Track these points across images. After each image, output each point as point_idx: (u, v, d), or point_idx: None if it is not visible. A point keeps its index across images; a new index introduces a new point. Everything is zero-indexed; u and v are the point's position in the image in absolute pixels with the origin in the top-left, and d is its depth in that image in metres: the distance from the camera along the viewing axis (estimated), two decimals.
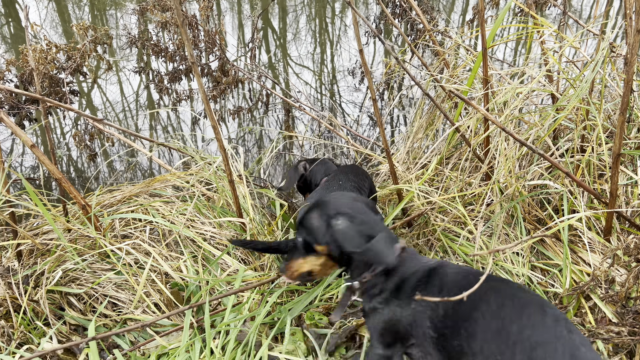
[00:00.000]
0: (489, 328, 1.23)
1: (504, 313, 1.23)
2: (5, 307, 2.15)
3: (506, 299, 1.27)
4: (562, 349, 1.14)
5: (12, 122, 2.00)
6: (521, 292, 1.32)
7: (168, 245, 2.32)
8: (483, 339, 1.22)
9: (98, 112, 4.98)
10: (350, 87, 5.69)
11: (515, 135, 1.90)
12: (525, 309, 1.23)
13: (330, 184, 2.30)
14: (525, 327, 1.18)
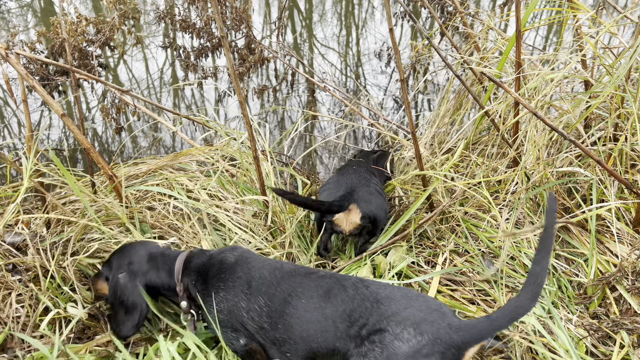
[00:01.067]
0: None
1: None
2: (34, 271, 2.21)
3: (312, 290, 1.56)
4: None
5: (44, 91, 2.03)
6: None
7: (191, 219, 2.35)
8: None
9: (118, 86, 5.03)
10: (375, 70, 5.63)
11: (546, 120, 1.86)
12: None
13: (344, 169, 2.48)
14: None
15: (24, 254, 2.29)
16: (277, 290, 1.58)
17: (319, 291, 1.54)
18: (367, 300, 1.46)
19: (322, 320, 1.48)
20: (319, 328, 1.48)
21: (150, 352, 1.77)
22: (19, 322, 1.92)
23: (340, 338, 1.45)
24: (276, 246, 2.33)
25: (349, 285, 1.54)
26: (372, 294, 1.48)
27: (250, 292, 1.60)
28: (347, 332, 1.44)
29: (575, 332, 1.76)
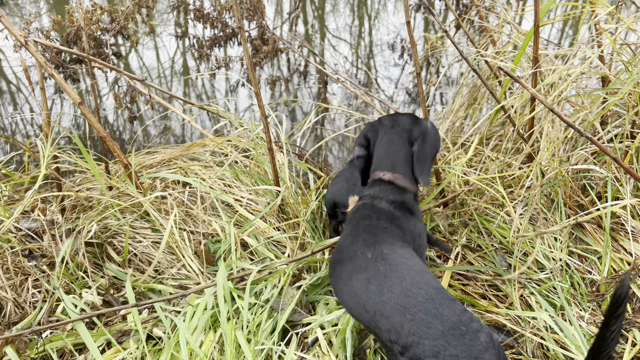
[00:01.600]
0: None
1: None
2: (50, 257, 2.24)
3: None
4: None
5: (62, 80, 2.04)
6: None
7: (205, 208, 2.37)
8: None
9: (133, 75, 5.05)
10: (387, 62, 5.60)
11: (563, 116, 1.85)
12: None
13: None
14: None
15: (40, 240, 2.33)
16: None
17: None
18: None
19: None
20: None
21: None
22: (35, 307, 1.95)
23: None
24: (291, 237, 2.34)
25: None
26: None
27: None
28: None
29: (587, 329, 1.76)
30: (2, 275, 1.95)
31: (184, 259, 2.21)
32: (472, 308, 1.98)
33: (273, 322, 1.87)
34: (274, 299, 1.92)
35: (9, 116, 4.23)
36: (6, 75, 4.98)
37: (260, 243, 2.18)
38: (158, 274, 2.23)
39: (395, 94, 4.89)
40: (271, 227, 2.25)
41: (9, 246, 2.11)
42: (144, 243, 2.28)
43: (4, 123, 4.24)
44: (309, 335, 1.89)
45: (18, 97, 4.62)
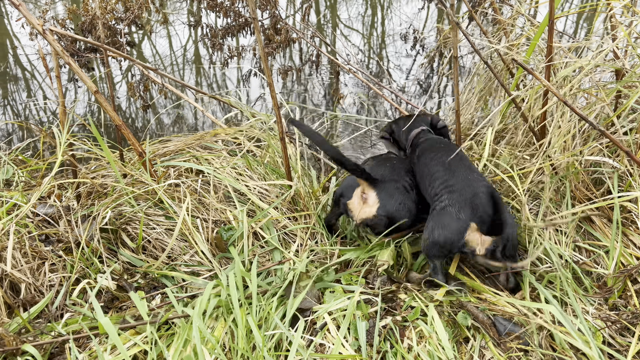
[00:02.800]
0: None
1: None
2: (66, 242, 2.30)
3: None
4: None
5: (79, 68, 2.08)
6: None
7: (218, 196, 2.41)
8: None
9: (147, 64, 5.10)
10: (398, 52, 5.58)
11: (576, 109, 1.85)
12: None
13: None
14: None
15: (57, 225, 2.38)
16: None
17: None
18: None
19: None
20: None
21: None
22: (53, 291, 2.01)
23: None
24: (302, 228, 2.37)
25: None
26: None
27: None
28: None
29: (593, 323, 1.78)
30: (20, 259, 2.00)
31: (196, 246, 2.25)
32: (479, 299, 2.01)
33: (283, 309, 1.91)
34: (285, 285, 1.96)
35: (23, 102, 4.30)
36: (22, 63, 5.05)
37: (273, 234, 2.21)
38: (171, 260, 2.27)
39: (407, 85, 4.88)
40: (284, 217, 2.28)
41: (26, 231, 2.16)
42: (157, 230, 2.32)
43: (18, 109, 4.31)
44: (318, 322, 1.93)
45: (32, 84, 4.69)
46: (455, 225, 1.94)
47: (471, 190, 1.99)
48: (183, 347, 1.66)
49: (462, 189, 2.00)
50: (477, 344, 1.84)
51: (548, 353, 1.74)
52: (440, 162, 2.17)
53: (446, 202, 2.00)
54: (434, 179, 2.13)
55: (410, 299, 2.03)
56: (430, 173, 2.16)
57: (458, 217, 1.94)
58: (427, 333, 1.85)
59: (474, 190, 1.97)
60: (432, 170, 2.16)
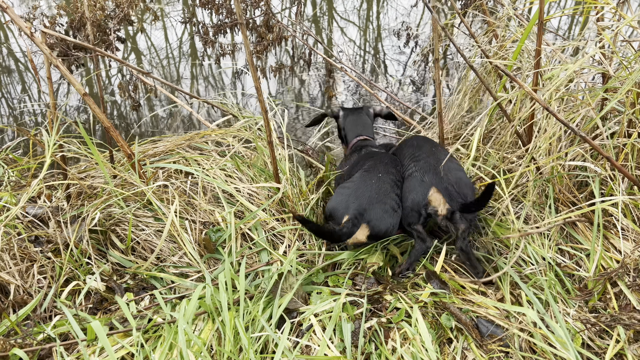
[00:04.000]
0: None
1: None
2: (55, 244, 2.31)
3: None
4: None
5: (67, 71, 2.09)
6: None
7: (207, 197, 2.42)
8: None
9: (142, 57, 5.09)
10: (394, 45, 5.59)
11: (558, 115, 1.87)
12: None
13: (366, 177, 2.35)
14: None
15: (46, 226, 2.39)
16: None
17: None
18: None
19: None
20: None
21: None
22: (41, 292, 2.03)
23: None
24: (290, 229, 2.39)
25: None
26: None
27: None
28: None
29: (573, 325, 1.81)
30: (9, 261, 2.02)
31: (185, 247, 2.27)
32: (464, 300, 2.04)
33: (270, 311, 1.94)
34: (272, 284, 1.98)
35: (16, 97, 4.29)
36: (15, 55, 5.03)
37: (261, 236, 2.23)
38: (160, 261, 2.29)
39: (401, 81, 4.89)
40: (272, 219, 2.30)
41: (16, 232, 2.17)
42: (146, 231, 2.34)
43: (13, 103, 4.30)
44: (304, 323, 1.95)
45: (26, 77, 4.68)
46: (419, 187, 2.22)
47: (435, 158, 2.31)
48: (169, 350, 1.68)
49: (426, 158, 2.32)
50: (460, 345, 1.87)
51: (528, 355, 1.77)
52: (410, 145, 2.54)
53: (412, 169, 2.31)
54: (404, 157, 2.47)
55: (396, 300, 2.05)
56: (403, 156, 2.49)
57: (422, 180, 2.23)
58: (411, 335, 1.88)
59: (437, 157, 2.30)
60: (405, 153, 2.50)
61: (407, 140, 2.67)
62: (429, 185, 2.20)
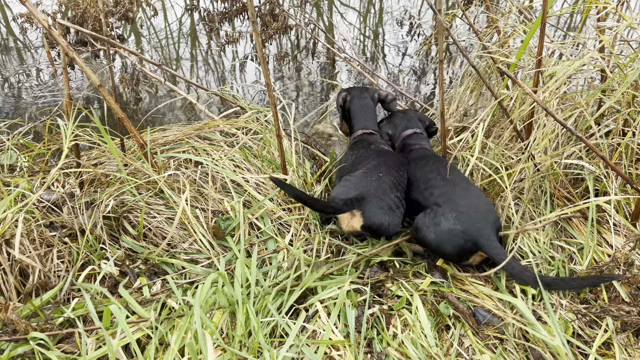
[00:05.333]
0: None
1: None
2: (69, 228, 2.40)
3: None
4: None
5: (83, 63, 2.15)
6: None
7: (216, 187, 2.51)
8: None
9: (142, 38, 5.12)
10: (396, 31, 5.64)
11: (555, 115, 1.96)
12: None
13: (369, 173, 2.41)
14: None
15: (60, 212, 2.48)
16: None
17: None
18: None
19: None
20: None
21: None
22: (59, 277, 2.12)
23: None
24: (297, 219, 2.49)
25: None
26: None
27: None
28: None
29: (565, 315, 1.92)
30: (29, 246, 2.11)
31: (195, 235, 2.36)
32: (462, 290, 2.15)
33: (280, 298, 2.04)
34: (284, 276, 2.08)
35: (17, 72, 4.34)
36: (14, 32, 5.06)
37: (268, 225, 2.33)
38: (171, 247, 2.39)
39: (402, 70, 4.95)
40: (279, 208, 2.39)
41: (32, 218, 2.26)
42: (158, 218, 2.43)
43: (10, 81, 4.34)
44: (310, 309, 2.06)
45: (25, 55, 4.71)
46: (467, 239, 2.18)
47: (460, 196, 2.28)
48: (185, 333, 1.78)
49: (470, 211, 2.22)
50: (457, 332, 1.98)
51: (521, 342, 1.88)
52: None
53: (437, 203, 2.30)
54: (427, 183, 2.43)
55: (397, 288, 2.16)
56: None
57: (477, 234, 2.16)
58: (411, 321, 1.99)
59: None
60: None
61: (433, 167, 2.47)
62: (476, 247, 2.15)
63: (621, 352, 1.77)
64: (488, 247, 2.06)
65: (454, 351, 1.91)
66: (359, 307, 2.06)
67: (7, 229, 2.04)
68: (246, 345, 1.83)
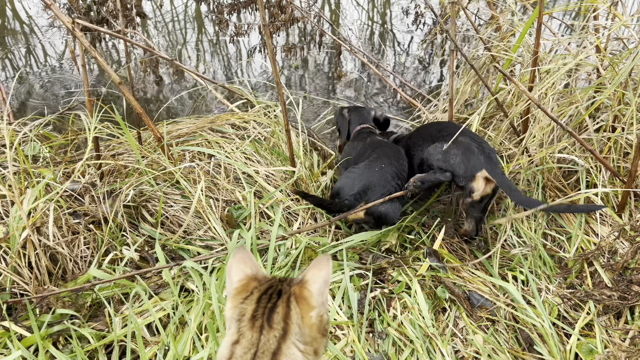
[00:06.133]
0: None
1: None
2: (91, 217, 2.57)
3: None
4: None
5: (103, 62, 2.30)
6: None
7: (228, 178, 2.67)
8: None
9: (148, 21, 5.24)
10: (403, 21, 5.71)
11: (549, 112, 2.09)
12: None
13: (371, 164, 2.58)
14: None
15: (82, 200, 2.65)
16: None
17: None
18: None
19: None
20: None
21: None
22: (86, 261, 2.30)
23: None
24: (304, 208, 2.65)
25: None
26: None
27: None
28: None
29: (552, 299, 2.08)
30: (56, 233, 2.28)
31: (210, 222, 2.53)
32: (458, 276, 2.31)
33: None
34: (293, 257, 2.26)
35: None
36: (20, 17, 5.20)
37: (277, 213, 2.49)
38: (187, 234, 2.56)
39: (407, 61, 5.04)
40: (287, 199, 2.56)
41: (59, 207, 2.43)
42: (174, 207, 2.60)
43: (18, 65, 4.49)
44: None
45: (32, 39, 4.84)
46: (470, 162, 2.32)
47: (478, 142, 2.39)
48: (202, 314, 1.96)
49: (475, 141, 2.39)
50: (453, 314, 2.15)
51: (511, 324, 2.05)
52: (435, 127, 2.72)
53: (458, 147, 2.41)
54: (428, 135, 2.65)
55: (397, 274, 2.32)
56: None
57: (478, 157, 2.31)
58: (410, 304, 2.16)
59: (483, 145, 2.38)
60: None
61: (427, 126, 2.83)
62: (480, 167, 2.27)
63: (601, 333, 1.92)
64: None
65: (449, 331, 2.08)
66: (362, 291, 2.23)
67: (37, 218, 2.21)
68: None
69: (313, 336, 1.07)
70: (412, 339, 2.00)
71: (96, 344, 1.86)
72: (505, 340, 2.03)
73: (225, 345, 1.04)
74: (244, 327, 1.04)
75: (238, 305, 1.08)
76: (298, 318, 1.06)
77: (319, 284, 1.09)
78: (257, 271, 1.16)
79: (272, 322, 1.03)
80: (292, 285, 1.11)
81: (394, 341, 2.03)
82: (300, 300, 1.08)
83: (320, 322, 1.08)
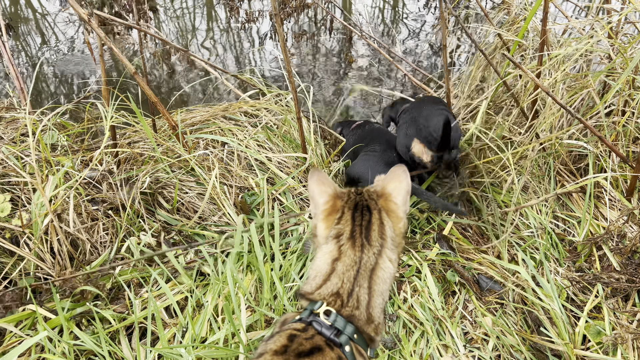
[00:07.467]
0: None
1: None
2: (109, 203, 2.65)
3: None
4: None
5: (119, 52, 2.35)
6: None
7: (242, 165, 2.72)
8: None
9: (158, 7, 5.28)
10: (413, 8, 5.69)
11: (557, 98, 2.10)
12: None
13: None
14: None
15: (100, 187, 2.72)
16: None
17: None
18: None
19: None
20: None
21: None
22: (105, 247, 2.38)
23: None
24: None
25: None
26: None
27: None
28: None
29: (561, 282, 2.12)
30: (76, 219, 2.36)
31: (224, 209, 2.59)
32: (468, 259, 2.35)
33: (300, 263, 2.27)
34: (305, 239, 2.31)
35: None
36: (32, 5, 5.27)
37: (289, 200, 2.54)
38: (202, 220, 2.62)
39: (419, 46, 5.03)
40: (299, 185, 2.61)
41: (78, 195, 2.51)
42: (189, 194, 2.66)
43: (32, 53, 4.56)
44: None
45: (43, 25, 4.90)
46: (403, 139, 2.57)
47: (422, 113, 2.56)
48: (218, 296, 2.03)
49: (416, 114, 2.61)
50: (462, 297, 2.20)
51: (519, 306, 2.09)
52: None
53: (402, 123, 2.67)
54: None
55: (408, 258, 2.37)
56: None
57: (407, 133, 2.56)
58: (420, 287, 2.20)
59: (425, 113, 2.54)
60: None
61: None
62: (411, 137, 2.52)
63: (609, 315, 1.96)
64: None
65: (458, 314, 2.13)
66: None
67: (58, 205, 2.29)
68: (272, 307, 2.07)
69: (400, 243, 1.18)
70: (422, 321, 2.05)
71: (117, 325, 1.94)
72: (514, 322, 2.07)
73: (325, 261, 1.12)
74: (345, 245, 1.12)
75: (333, 226, 1.17)
76: (391, 231, 1.16)
77: (402, 195, 1.19)
78: (335, 187, 1.25)
79: (371, 239, 1.13)
80: (376, 199, 1.20)
81: (404, 323, 2.08)
82: (390, 213, 1.17)
83: (405, 229, 1.19)
